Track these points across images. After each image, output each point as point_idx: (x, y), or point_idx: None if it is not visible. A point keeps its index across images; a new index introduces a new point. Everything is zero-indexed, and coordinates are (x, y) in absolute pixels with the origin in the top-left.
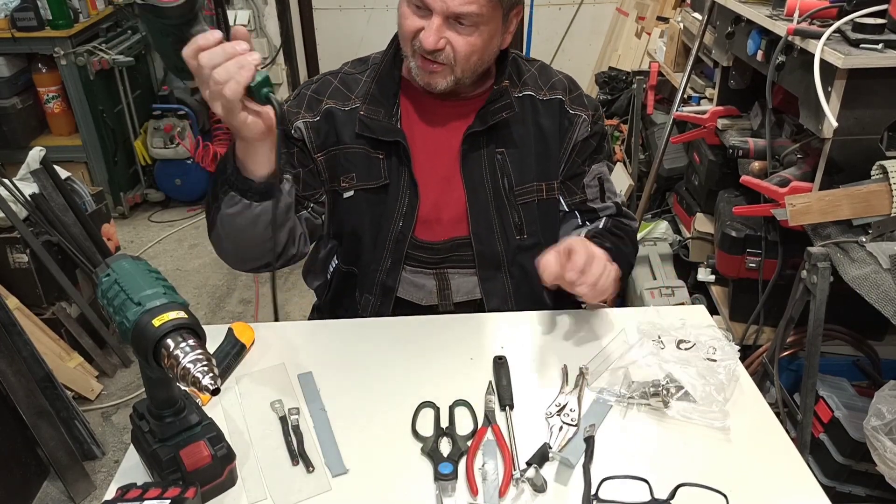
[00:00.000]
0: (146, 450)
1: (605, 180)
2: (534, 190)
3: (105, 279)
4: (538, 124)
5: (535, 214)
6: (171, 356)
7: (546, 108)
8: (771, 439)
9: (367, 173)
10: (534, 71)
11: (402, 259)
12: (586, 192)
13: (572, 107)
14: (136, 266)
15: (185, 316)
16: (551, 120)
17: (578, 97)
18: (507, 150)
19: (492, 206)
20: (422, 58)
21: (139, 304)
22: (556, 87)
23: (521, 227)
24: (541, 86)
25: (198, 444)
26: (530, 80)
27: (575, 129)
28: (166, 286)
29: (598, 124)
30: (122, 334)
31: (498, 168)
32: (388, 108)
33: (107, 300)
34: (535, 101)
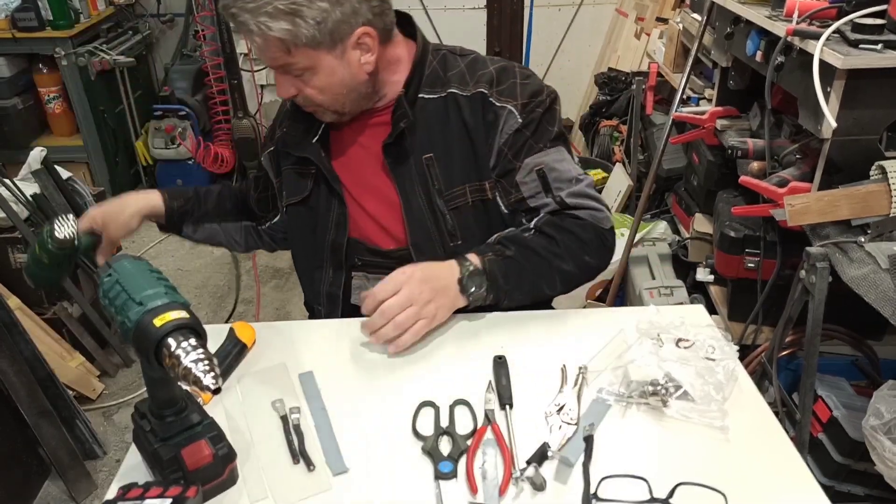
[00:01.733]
0: (147, 449)
1: (550, 170)
2: (465, 193)
3: (106, 279)
4: (463, 122)
5: (470, 219)
6: (172, 356)
7: (469, 104)
8: (770, 439)
9: (295, 189)
10: (462, 67)
11: (343, 266)
12: (521, 190)
13: (498, 98)
14: (138, 266)
15: (186, 316)
16: (474, 116)
17: (508, 88)
18: (435, 153)
19: (426, 214)
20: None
21: (141, 303)
22: (481, 80)
23: (454, 233)
24: (467, 81)
25: (199, 444)
26: (456, 76)
27: (501, 123)
28: (168, 286)
29: (533, 112)
30: (124, 334)
31: (427, 174)
32: (308, 124)
33: (108, 300)
34: (458, 98)
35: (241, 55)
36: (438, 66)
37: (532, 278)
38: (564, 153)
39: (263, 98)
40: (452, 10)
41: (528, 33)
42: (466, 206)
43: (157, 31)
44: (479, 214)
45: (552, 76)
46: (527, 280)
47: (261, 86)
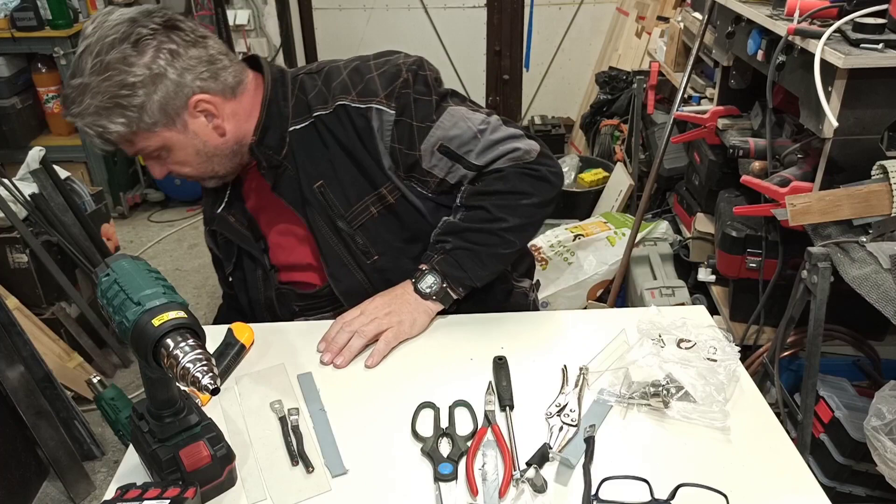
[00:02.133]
0: (146, 450)
1: (450, 140)
2: (366, 207)
3: (104, 279)
4: (337, 141)
5: (379, 230)
6: (170, 356)
7: (336, 121)
8: (771, 439)
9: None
10: (319, 85)
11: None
12: (435, 173)
13: (361, 101)
14: (136, 266)
15: (184, 316)
16: (345, 130)
17: (365, 87)
18: (325, 180)
19: (335, 241)
20: None
21: (139, 303)
22: (336, 92)
23: (367, 250)
24: (326, 98)
25: (197, 445)
26: (315, 98)
27: (374, 124)
28: (166, 286)
29: (402, 97)
30: (122, 334)
31: (323, 202)
32: (215, 193)
33: (106, 300)
34: (324, 119)
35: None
36: (300, 93)
37: (485, 252)
38: (455, 113)
39: None
40: (452, 9)
41: (529, 32)
42: (372, 219)
43: None
44: (387, 222)
45: (552, 75)
46: (481, 256)
47: None
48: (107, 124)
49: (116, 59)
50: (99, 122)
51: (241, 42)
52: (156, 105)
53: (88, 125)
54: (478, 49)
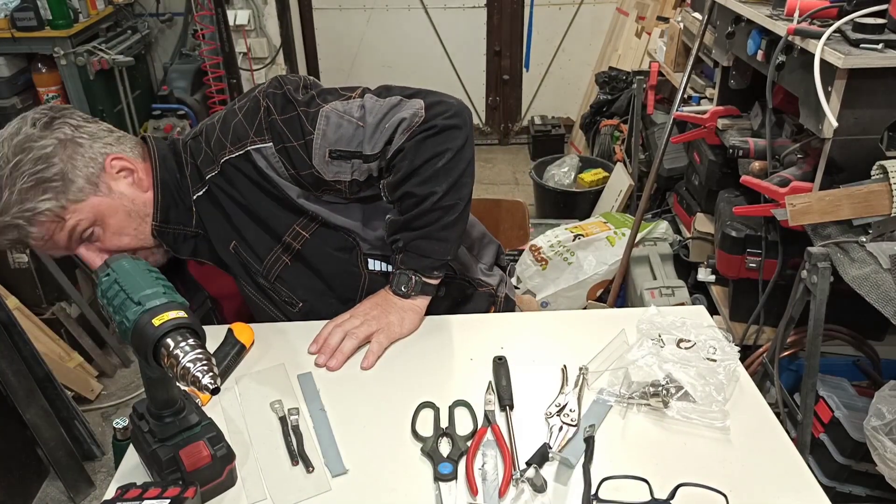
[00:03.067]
0: (146, 450)
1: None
2: (277, 258)
3: (105, 279)
4: (233, 200)
5: (296, 276)
6: (170, 355)
7: (226, 180)
8: (771, 439)
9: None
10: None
11: None
12: (340, 178)
13: (238, 148)
14: (136, 265)
15: (184, 315)
16: (238, 184)
17: (235, 132)
18: (235, 240)
19: (258, 298)
20: None
21: (139, 303)
22: (216, 148)
23: (290, 300)
24: (211, 159)
25: (197, 444)
26: (204, 162)
27: (262, 162)
28: (166, 286)
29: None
30: (122, 334)
31: (240, 262)
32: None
33: (106, 300)
34: (215, 181)
35: (241, 54)
36: (192, 159)
37: (435, 230)
38: (329, 114)
39: None
40: (452, 9)
41: (529, 32)
42: (286, 268)
43: (155, 31)
44: (300, 268)
45: (552, 75)
46: (435, 234)
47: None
48: (35, 205)
49: (21, 140)
50: (25, 206)
51: (241, 42)
52: (77, 172)
53: (16, 216)
54: (478, 49)
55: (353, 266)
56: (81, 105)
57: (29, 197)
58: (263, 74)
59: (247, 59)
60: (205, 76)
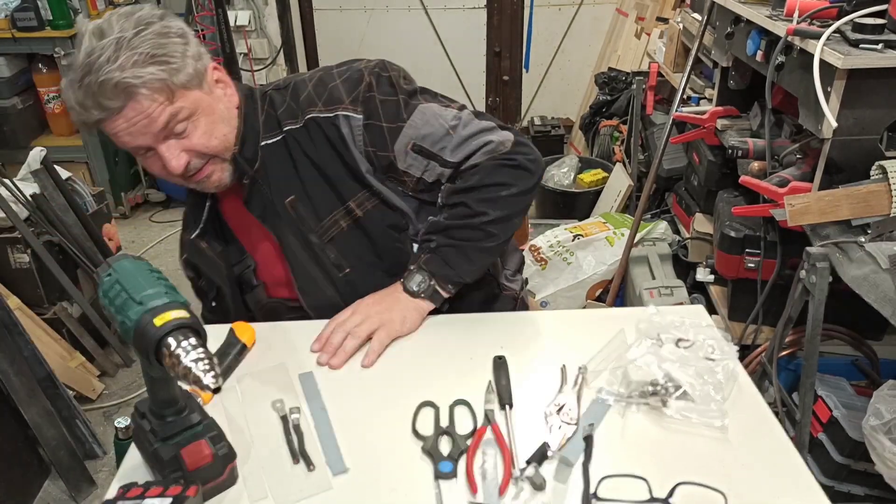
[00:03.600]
0: (147, 449)
1: (423, 138)
2: (335, 221)
3: (106, 279)
4: (307, 157)
5: (349, 243)
6: (172, 355)
7: (307, 136)
8: (769, 439)
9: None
10: (288, 100)
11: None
12: (412, 173)
13: (328, 111)
14: (138, 266)
15: (186, 315)
16: (316, 145)
17: (329, 96)
18: (296, 194)
19: (304, 256)
20: (188, 179)
21: (141, 303)
22: (304, 106)
23: (339, 263)
24: (295, 113)
25: (199, 443)
26: (285, 113)
27: (344, 131)
28: (168, 286)
29: (367, 101)
30: (124, 334)
31: (294, 217)
32: (193, 220)
33: (108, 300)
34: (294, 134)
35: (241, 55)
36: (269, 108)
37: (470, 247)
38: (426, 111)
39: None
40: (452, 10)
41: (528, 33)
42: (341, 233)
43: None
44: (357, 235)
45: (552, 76)
46: (467, 252)
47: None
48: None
49: (145, 15)
50: (144, 70)
51: (241, 43)
52: (188, 61)
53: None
54: (478, 50)
55: (402, 244)
56: None
57: (148, 63)
58: (264, 75)
59: (247, 60)
60: None
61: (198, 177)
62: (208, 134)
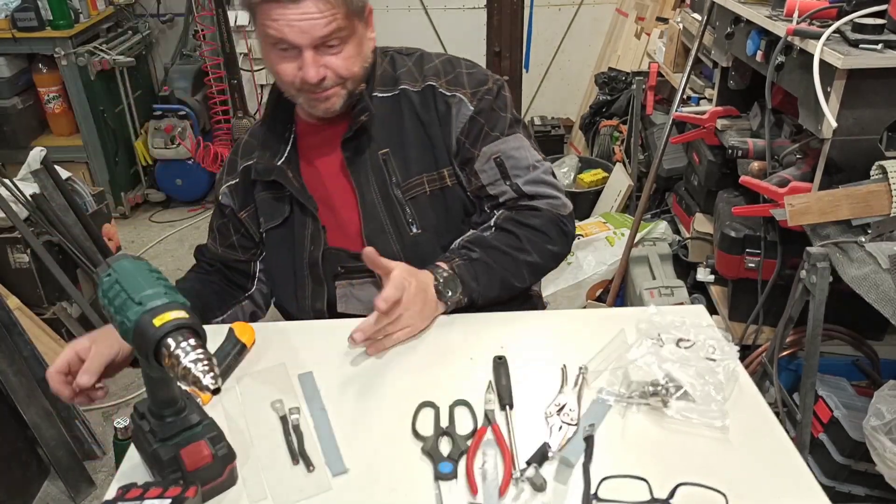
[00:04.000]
0: (147, 449)
1: (508, 157)
2: (422, 182)
3: (106, 279)
4: (417, 117)
5: (427, 206)
6: (171, 356)
7: (422, 99)
8: (770, 439)
9: (272, 214)
10: (410, 64)
11: (324, 280)
12: (481, 178)
13: (448, 89)
14: (137, 266)
15: (185, 316)
16: (427, 109)
17: (455, 77)
18: (391, 149)
19: (381, 207)
20: (309, 93)
21: (140, 303)
22: (428, 74)
23: (412, 221)
24: (416, 77)
25: (198, 444)
26: (405, 74)
27: (454, 111)
28: (167, 286)
29: (483, 100)
30: (123, 334)
31: (382, 167)
32: (274, 148)
33: (108, 300)
34: (410, 94)
35: (241, 55)
36: (389, 66)
37: (501, 275)
38: (522, 140)
39: (263, 98)
40: (452, 10)
41: (528, 33)
42: (424, 195)
43: (156, 31)
44: (436, 202)
45: (552, 76)
46: (496, 277)
47: (260, 85)
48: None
49: None
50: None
51: (241, 43)
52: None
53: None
54: (478, 50)
55: (464, 228)
56: (82, 106)
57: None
58: (264, 75)
59: (248, 60)
60: (206, 77)
61: (321, 94)
62: (351, 61)
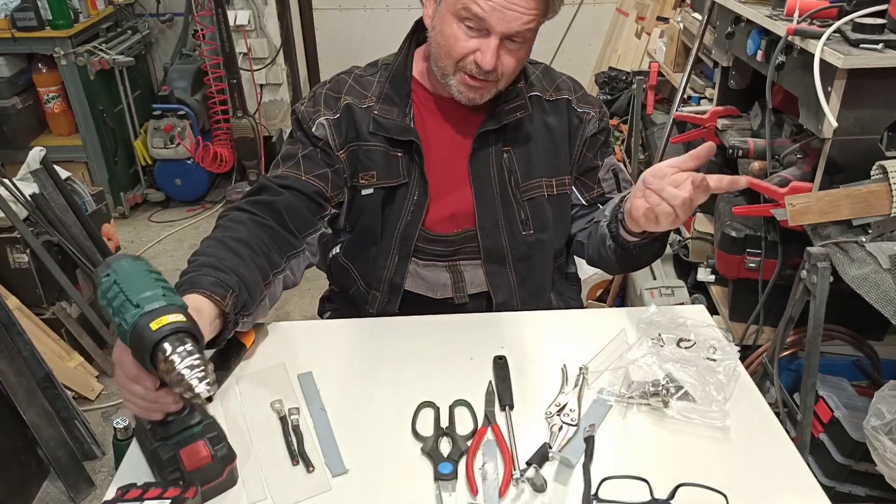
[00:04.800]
0: (147, 448)
1: (620, 171)
2: (541, 186)
3: (104, 279)
4: (545, 123)
5: (544, 209)
6: (167, 360)
7: (553, 108)
8: (771, 439)
9: (387, 171)
10: (538, 73)
11: (410, 255)
12: (603, 186)
13: (580, 105)
14: (136, 266)
15: (183, 319)
16: (559, 119)
17: (584, 96)
18: (515, 148)
19: (498, 202)
20: (468, 76)
21: (138, 306)
22: (561, 87)
23: (526, 222)
24: (546, 87)
25: (197, 444)
26: (536, 81)
27: (585, 126)
28: (166, 287)
29: (604, 121)
30: (121, 336)
31: (505, 166)
32: (401, 107)
33: (106, 300)
34: (542, 101)
35: (241, 54)
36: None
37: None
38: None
39: (263, 97)
40: None
41: None
42: (541, 198)
43: (156, 31)
44: (553, 207)
45: None
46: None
47: (260, 85)
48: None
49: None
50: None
51: (241, 42)
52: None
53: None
54: None
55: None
56: (81, 106)
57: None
58: (264, 75)
59: (247, 60)
60: (205, 76)
61: (480, 82)
62: (520, 63)
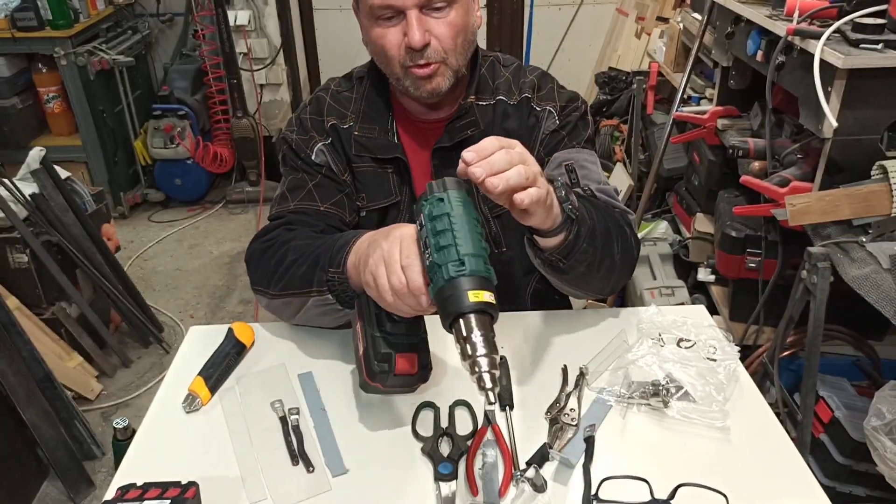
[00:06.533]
0: (368, 331)
1: (580, 167)
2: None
3: (438, 204)
4: (506, 131)
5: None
6: (468, 339)
7: (516, 111)
8: (771, 439)
9: (379, 191)
10: (508, 75)
11: None
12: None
13: (539, 103)
14: (469, 211)
15: (494, 301)
16: (519, 122)
17: (548, 92)
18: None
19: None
20: (413, 69)
21: (463, 263)
22: (523, 88)
23: (498, 240)
24: (512, 90)
25: (412, 356)
26: (503, 84)
27: (542, 124)
28: (487, 251)
29: (569, 116)
30: (431, 275)
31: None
32: (382, 123)
33: (432, 226)
34: (506, 106)
35: (241, 55)
36: (488, 72)
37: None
38: (595, 158)
39: (263, 97)
40: None
41: (529, 33)
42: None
43: (156, 31)
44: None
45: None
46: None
47: (260, 85)
48: None
49: None
50: None
51: (241, 42)
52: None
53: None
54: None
55: None
56: (81, 106)
57: None
58: (264, 75)
59: (247, 60)
60: (205, 76)
61: (424, 70)
62: (456, 30)
